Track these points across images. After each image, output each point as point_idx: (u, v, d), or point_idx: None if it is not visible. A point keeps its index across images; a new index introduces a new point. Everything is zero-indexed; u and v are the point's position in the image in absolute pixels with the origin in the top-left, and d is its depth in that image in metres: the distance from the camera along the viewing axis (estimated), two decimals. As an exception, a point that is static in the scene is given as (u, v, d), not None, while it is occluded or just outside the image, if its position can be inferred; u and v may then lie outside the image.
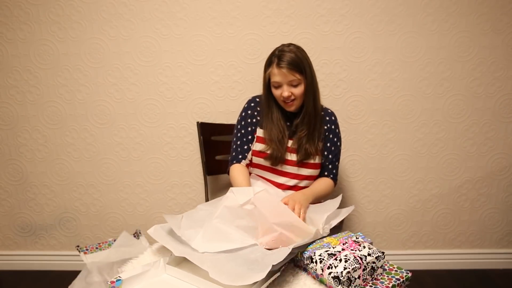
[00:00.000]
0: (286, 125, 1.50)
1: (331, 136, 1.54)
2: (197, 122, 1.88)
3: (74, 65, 2.01)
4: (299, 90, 1.42)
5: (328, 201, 1.37)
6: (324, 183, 1.52)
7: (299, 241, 1.11)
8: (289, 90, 1.40)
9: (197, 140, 2.04)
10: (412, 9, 1.90)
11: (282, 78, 1.39)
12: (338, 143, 1.56)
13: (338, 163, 1.58)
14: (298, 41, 1.94)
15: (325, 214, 1.25)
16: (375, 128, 2.04)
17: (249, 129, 1.53)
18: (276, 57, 1.40)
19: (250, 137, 1.53)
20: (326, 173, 1.55)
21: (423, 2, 1.90)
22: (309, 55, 1.95)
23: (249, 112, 1.55)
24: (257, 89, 1.98)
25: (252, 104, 1.56)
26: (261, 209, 1.16)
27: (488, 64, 1.96)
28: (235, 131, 1.57)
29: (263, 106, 1.52)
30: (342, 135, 2.03)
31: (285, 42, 1.95)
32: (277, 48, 1.44)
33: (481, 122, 2.03)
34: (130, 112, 2.05)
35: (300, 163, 1.49)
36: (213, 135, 1.91)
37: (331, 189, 1.54)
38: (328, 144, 1.53)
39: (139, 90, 2.03)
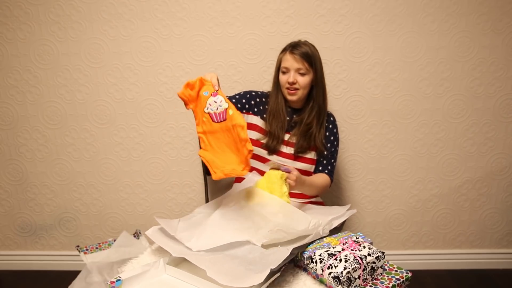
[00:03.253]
0: (286, 119, 1.52)
1: (328, 134, 1.56)
2: (197, 122, 1.88)
3: (74, 65, 2.01)
4: (304, 80, 1.46)
5: (335, 206, 1.39)
6: (321, 176, 1.53)
7: (298, 240, 1.11)
8: (295, 77, 1.45)
9: (197, 140, 2.04)
10: (412, 9, 1.90)
11: (291, 63, 1.45)
12: (335, 143, 1.58)
13: (335, 162, 1.59)
14: (298, 41, 1.94)
15: (330, 216, 1.25)
16: (375, 128, 2.04)
17: (244, 101, 1.53)
18: (290, 46, 1.49)
19: (239, 105, 1.52)
20: (320, 168, 1.55)
21: (423, 2, 1.90)
22: (309, 55, 1.96)
23: (255, 95, 1.57)
24: (257, 89, 1.98)
25: (260, 93, 1.59)
26: (253, 206, 1.19)
27: (488, 64, 1.96)
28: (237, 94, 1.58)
29: (271, 94, 1.56)
30: (342, 135, 2.03)
31: (285, 42, 1.95)
32: (294, 41, 1.53)
33: (481, 122, 2.03)
34: (130, 112, 2.05)
35: (296, 157, 1.50)
36: (213, 135, 1.90)
37: (327, 185, 1.54)
38: (325, 141, 1.55)
39: (139, 90, 2.03)
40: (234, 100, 1.52)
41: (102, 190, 2.15)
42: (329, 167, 1.56)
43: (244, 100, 1.54)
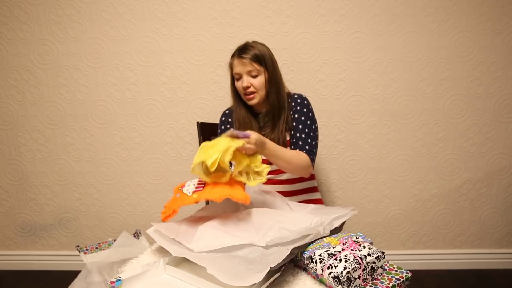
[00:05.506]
0: (254, 124, 1.48)
1: (297, 116, 1.46)
2: (197, 122, 1.88)
3: (74, 65, 2.01)
4: (258, 81, 1.41)
5: (337, 207, 1.38)
6: (298, 153, 1.38)
7: (298, 240, 1.11)
8: (248, 81, 1.40)
9: (197, 140, 2.04)
10: (412, 9, 1.90)
11: (241, 68, 1.40)
12: (309, 122, 1.45)
13: (313, 141, 1.44)
14: (298, 41, 1.94)
15: (332, 216, 1.25)
16: (375, 128, 2.04)
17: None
18: (238, 50, 1.44)
19: None
20: (298, 150, 1.42)
21: (423, 2, 1.90)
22: (309, 55, 1.97)
23: (222, 127, 1.59)
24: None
25: (223, 119, 1.59)
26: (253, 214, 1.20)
27: (488, 64, 1.96)
28: None
29: (233, 105, 1.52)
30: (342, 135, 2.03)
31: (285, 42, 1.95)
32: (241, 44, 1.47)
33: (481, 122, 2.03)
34: (130, 112, 2.05)
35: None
36: (213, 135, 1.90)
37: (305, 164, 1.37)
38: (295, 124, 1.45)
39: (139, 90, 2.03)
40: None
41: (102, 190, 2.15)
42: (307, 146, 1.41)
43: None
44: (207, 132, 1.89)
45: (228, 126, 1.56)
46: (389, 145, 2.06)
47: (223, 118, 1.59)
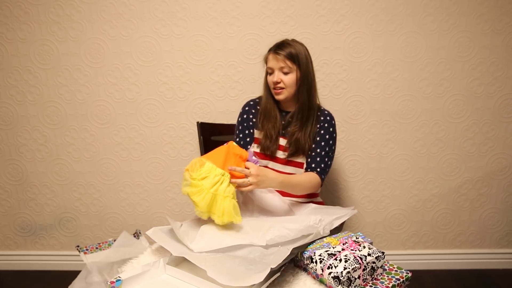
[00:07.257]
0: (278, 118, 1.51)
1: (322, 132, 1.49)
2: (197, 122, 1.88)
3: (74, 65, 2.01)
4: (289, 79, 1.43)
5: (338, 207, 1.39)
6: (309, 175, 1.43)
7: (298, 240, 1.11)
8: (279, 77, 1.43)
9: (197, 140, 2.04)
10: (412, 9, 1.90)
11: (274, 63, 1.44)
12: (331, 142, 1.49)
13: (329, 161, 1.49)
14: (298, 41, 1.94)
15: (333, 216, 1.25)
16: (375, 128, 2.04)
17: (247, 132, 1.57)
18: (275, 46, 1.47)
19: (248, 139, 1.56)
20: (313, 165, 1.46)
21: (423, 2, 1.90)
22: (309, 55, 1.96)
23: (245, 116, 1.58)
24: (257, 89, 1.98)
25: (247, 108, 1.59)
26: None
27: (488, 64, 1.96)
28: (235, 134, 1.60)
29: (262, 96, 1.55)
30: (342, 135, 2.03)
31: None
32: (279, 40, 1.51)
33: (481, 122, 2.03)
34: (130, 112, 2.05)
35: (288, 161, 1.49)
36: (213, 135, 1.91)
37: (316, 185, 1.44)
38: (318, 139, 1.48)
39: (139, 90, 2.03)
40: (243, 138, 1.56)
41: (102, 190, 2.15)
42: (322, 165, 1.46)
43: (247, 132, 1.56)
44: (207, 132, 1.89)
45: (251, 116, 1.57)
46: (389, 145, 2.06)
47: (247, 108, 1.60)
